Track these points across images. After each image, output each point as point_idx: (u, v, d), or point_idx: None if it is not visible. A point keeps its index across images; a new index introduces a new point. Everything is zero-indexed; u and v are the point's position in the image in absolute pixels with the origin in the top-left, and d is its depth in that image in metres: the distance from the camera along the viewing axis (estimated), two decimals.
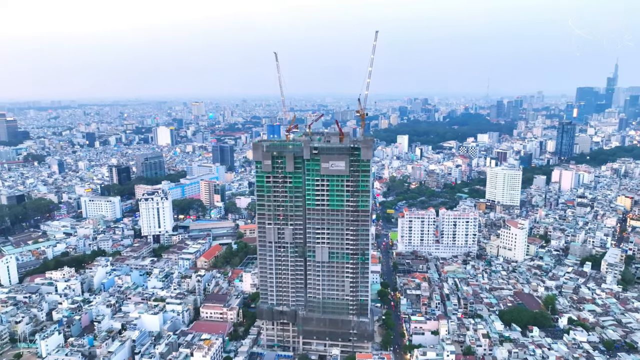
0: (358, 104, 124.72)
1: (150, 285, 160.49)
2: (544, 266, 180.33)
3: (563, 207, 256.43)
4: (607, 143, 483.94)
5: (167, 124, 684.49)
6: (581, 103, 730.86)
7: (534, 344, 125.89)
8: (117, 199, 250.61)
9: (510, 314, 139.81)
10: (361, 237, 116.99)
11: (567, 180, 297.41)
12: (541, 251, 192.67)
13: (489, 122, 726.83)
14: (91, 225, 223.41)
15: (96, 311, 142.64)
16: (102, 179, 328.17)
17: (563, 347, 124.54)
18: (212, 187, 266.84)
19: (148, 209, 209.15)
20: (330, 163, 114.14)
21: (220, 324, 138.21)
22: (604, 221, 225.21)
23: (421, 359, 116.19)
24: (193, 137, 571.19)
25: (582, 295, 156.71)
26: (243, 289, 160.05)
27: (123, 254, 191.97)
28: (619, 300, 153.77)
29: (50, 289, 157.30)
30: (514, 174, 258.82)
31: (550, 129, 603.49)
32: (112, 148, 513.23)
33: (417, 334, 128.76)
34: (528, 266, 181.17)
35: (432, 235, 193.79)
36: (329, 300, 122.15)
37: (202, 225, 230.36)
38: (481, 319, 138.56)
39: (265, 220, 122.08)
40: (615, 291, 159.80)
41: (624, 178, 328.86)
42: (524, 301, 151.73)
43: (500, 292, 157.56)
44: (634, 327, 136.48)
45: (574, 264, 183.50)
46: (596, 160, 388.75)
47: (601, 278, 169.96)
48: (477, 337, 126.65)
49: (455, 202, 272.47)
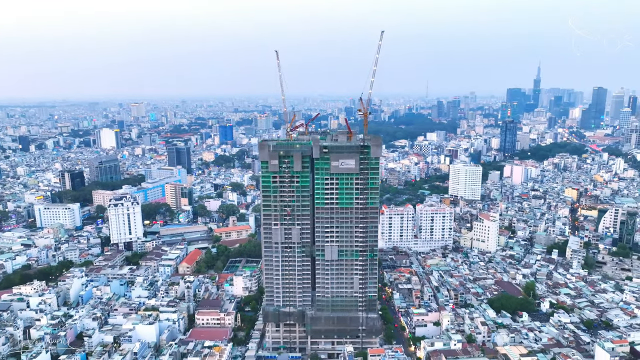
0: (360, 103, 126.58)
1: (134, 295, 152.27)
2: (516, 255, 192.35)
3: (519, 200, 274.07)
4: (542, 140, 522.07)
5: (106, 125, 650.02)
6: (514, 103, 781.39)
7: (525, 328, 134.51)
8: (76, 205, 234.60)
9: (499, 302, 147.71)
10: (370, 233, 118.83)
11: (517, 175, 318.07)
12: (511, 242, 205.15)
13: (432, 122, 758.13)
14: (51, 235, 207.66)
15: (81, 325, 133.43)
16: (49, 185, 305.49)
17: (552, 329, 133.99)
18: (178, 190, 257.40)
19: (117, 215, 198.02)
20: (340, 161, 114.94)
21: (220, 330, 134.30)
22: (558, 212, 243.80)
23: (429, 349, 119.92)
24: (139, 140, 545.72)
25: (555, 281, 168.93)
26: (234, 293, 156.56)
27: (95, 263, 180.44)
28: (587, 283, 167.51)
29: (21, 305, 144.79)
30: (475, 170, 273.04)
31: (488, 127, 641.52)
32: (51, 152, 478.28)
33: (419, 326, 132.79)
34: (502, 256, 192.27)
35: (411, 231, 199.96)
36: (338, 298, 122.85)
37: (173, 230, 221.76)
38: (473, 308, 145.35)
39: (272, 221, 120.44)
40: (582, 275, 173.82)
41: (564, 171, 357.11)
42: (505, 289, 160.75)
43: (484, 281, 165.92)
44: (606, 307, 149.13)
45: (541, 252, 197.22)
46: (536, 155, 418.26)
47: (567, 264, 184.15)
48: (475, 325, 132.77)
49: (419, 198, 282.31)
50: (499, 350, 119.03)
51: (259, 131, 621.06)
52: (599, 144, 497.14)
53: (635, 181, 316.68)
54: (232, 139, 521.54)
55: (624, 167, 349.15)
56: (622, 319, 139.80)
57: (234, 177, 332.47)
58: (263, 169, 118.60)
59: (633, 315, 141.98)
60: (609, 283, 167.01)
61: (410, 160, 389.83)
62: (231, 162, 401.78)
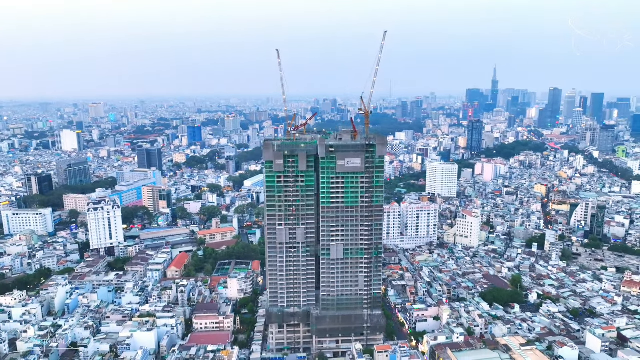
0: (361, 102, 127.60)
1: (125, 301, 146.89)
2: (498, 250, 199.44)
3: (492, 197, 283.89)
4: (504, 138, 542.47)
5: (63, 127, 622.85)
6: (475, 104, 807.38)
7: (518, 319, 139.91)
8: (48, 211, 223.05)
9: (491, 295, 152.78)
10: (375, 231, 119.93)
11: (488, 173, 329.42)
12: (492, 236, 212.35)
13: (397, 122, 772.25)
14: (23, 242, 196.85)
15: (72, 335, 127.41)
16: (11, 190, 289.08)
17: (544, 319, 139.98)
18: (156, 193, 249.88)
19: (97, 220, 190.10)
20: (346, 160, 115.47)
21: (220, 334, 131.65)
22: (530, 207, 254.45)
23: (432, 343, 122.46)
24: (102, 141, 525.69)
25: (539, 272, 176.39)
26: (229, 295, 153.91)
27: (77, 270, 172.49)
28: (567, 274, 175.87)
29: (3, 316, 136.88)
30: (451, 168, 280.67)
31: (453, 127, 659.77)
32: (6, 155, 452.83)
33: (420, 321, 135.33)
34: (485, 251, 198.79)
35: (397, 228, 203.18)
36: (343, 296, 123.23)
37: (154, 234, 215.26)
38: (467, 302, 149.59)
39: (276, 222, 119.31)
40: (562, 267, 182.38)
41: (529, 168, 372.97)
42: (493, 282, 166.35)
43: (473, 276, 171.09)
44: (588, 296, 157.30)
45: (520, 245, 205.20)
46: (501, 153, 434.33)
47: (547, 256, 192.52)
48: (472, 318, 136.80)
49: (397, 196, 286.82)
50: (500, 342, 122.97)
51: (227, 132, 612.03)
52: (556, 142, 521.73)
53: (595, 176, 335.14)
54: (200, 139, 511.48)
55: (584, 164, 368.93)
56: (605, 307, 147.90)
57: (209, 179, 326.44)
58: (267, 168, 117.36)
59: (614, 303, 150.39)
60: (587, 273, 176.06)
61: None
62: (203, 164, 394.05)
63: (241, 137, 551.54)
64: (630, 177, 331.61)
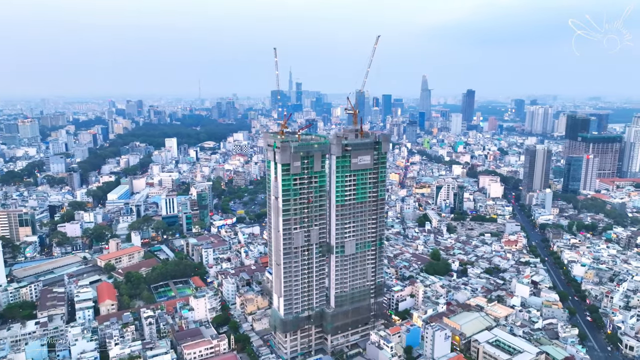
0: (348, 102, 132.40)
1: (76, 351, 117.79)
2: (401, 232, 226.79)
3: None
4: None
5: None
6: (279, 104, 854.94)
7: (461, 284, 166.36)
8: None
9: (432, 268, 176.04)
10: (379, 223, 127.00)
11: None
12: (389, 221, 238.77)
13: (216, 122, 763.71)
14: None
15: None
16: None
17: (479, 280, 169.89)
18: (14, 218, 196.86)
19: None
20: (359, 158, 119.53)
21: (225, 357, 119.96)
22: (398, 193, 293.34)
23: (424, 317, 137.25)
24: None
25: (444, 245, 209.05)
26: (196, 317, 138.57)
27: None
28: (462, 242, 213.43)
29: None
30: None
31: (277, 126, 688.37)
32: None
33: (401, 301, 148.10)
34: (392, 234, 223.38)
35: None
36: (355, 290, 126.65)
37: (35, 267, 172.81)
38: (416, 277, 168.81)
39: (292, 225, 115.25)
40: (454, 237, 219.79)
41: None
42: (419, 259, 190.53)
43: (404, 256, 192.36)
44: (488, 257, 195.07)
45: (414, 225, 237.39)
46: None
47: (439, 231, 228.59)
48: (435, 290, 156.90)
49: None
50: (470, 304, 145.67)
51: (23, 140, 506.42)
52: None
53: (422, 164, 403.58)
54: None
55: (408, 154, 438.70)
56: (504, 262, 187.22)
57: (54, 196, 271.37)
58: (284, 172, 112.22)
59: (508, 259, 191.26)
60: (474, 240, 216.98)
61: (239, 160, 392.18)
62: (22, 179, 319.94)
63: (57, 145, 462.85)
64: (444, 162, 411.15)
